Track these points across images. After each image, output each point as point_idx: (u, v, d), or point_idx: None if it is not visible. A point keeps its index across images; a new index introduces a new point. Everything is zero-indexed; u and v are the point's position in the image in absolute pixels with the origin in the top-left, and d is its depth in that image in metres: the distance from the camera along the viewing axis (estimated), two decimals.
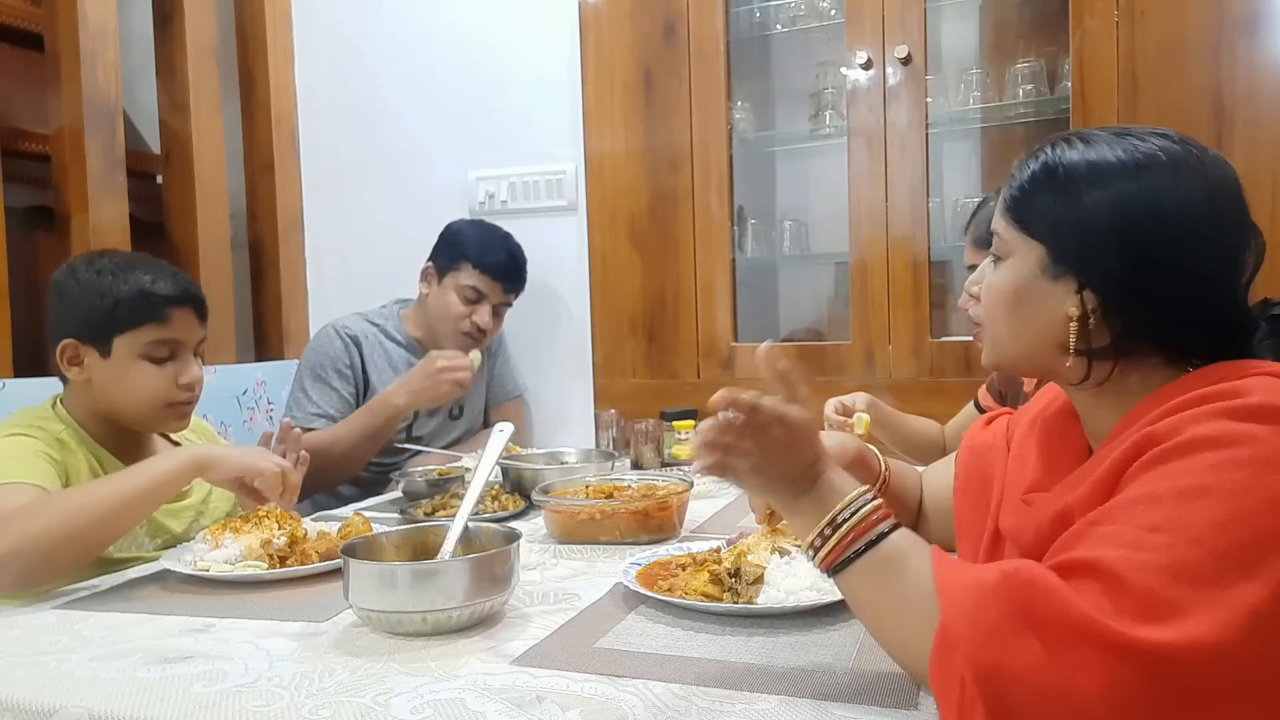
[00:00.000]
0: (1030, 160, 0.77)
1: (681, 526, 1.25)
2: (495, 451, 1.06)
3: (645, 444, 1.80)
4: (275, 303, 2.51)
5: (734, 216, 2.16)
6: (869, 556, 0.68)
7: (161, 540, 1.24)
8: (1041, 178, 0.75)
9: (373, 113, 2.50)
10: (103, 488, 1.05)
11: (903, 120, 1.96)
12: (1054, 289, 0.73)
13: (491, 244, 2.00)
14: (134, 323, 1.22)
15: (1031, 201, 0.75)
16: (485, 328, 1.99)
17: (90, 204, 1.98)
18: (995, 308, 0.78)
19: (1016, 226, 0.77)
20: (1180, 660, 0.55)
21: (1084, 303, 0.72)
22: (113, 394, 1.23)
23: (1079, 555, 0.62)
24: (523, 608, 0.93)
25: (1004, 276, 0.78)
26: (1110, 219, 0.71)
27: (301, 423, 1.86)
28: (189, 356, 1.27)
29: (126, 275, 1.22)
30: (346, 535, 1.12)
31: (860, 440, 1.04)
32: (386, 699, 0.70)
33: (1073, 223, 0.72)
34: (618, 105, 2.17)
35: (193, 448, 1.13)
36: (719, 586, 0.89)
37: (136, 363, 1.22)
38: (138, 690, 0.74)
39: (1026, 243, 0.75)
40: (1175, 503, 0.61)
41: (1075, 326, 0.72)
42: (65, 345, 1.22)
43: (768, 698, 0.69)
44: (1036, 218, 0.75)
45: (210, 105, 2.30)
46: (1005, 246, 0.78)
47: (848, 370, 2.01)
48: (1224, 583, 0.57)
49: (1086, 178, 0.72)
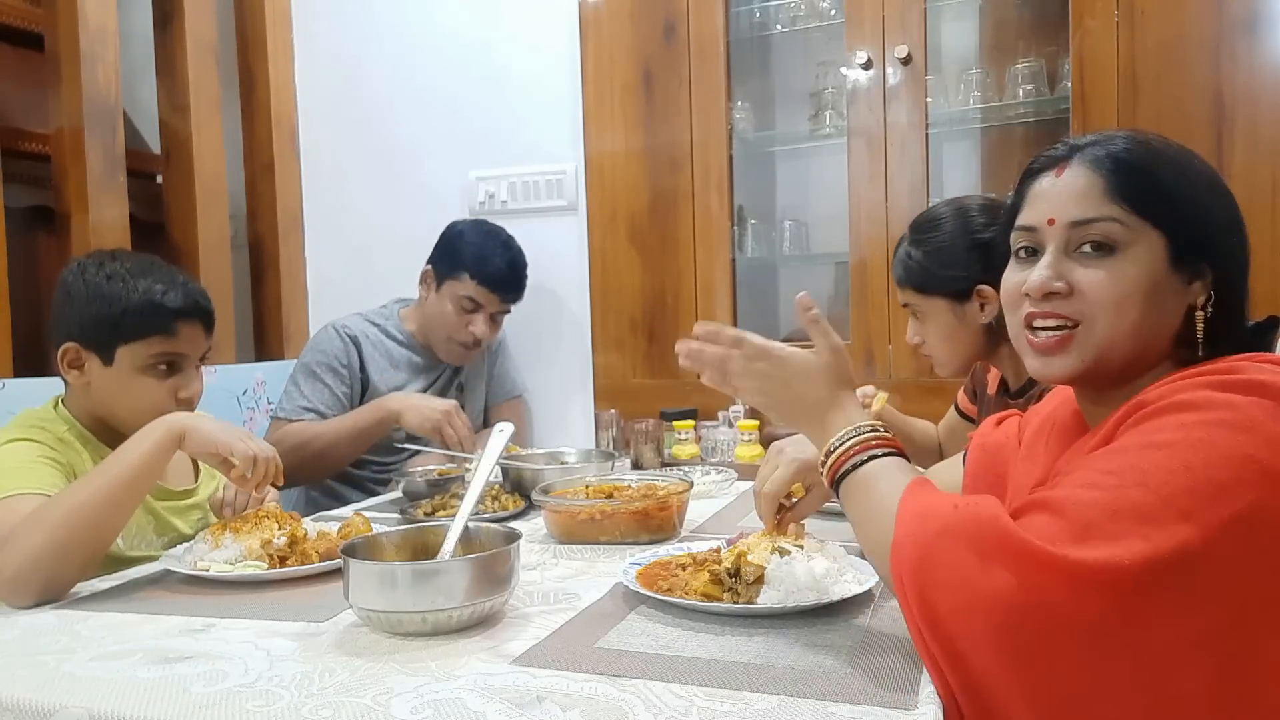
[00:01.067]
0: (1117, 140, 0.75)
1: (681, 526, 1.25)
2: (495, 452, 1.06)
3: (645, 444, 1.80)
4: (275, 302, 2.51)
5: (734, 216, 2.16)
6: (855, 474, 0.78)
7: (169, 538, 1.24)
8: (1148, 156, 0.74)
9: (372, 112, 2.50)
10: (94, 481, 1.04)
11: (903, 120, 1.96)
12: (1179, 279, 0.73)
13: (492, 253, 1.97)
14: (139, 334, 1.20)
15: (1146, 182, 0.73)
16: (482, 338, 1.98)
17: (90, 204, 1.98)
18: (1120, 306, 0.73)
19: (1133, 210, 0.73)
20: (1094, 577, 0.59)
21: (1203, 291, 0.73)
22: (110, 402, 1.22)
23: (1036, 495, 0.67)
24: (523, 608, 0.93)
25: (1129, 271, 0.73)
26: (1217, 201, 0.73)
27: (288, 414, 1.86)
28: (191, 370, 1.26)
29: (136, 283, 1.20)
30: (346, 535, 1.12)
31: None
32: (387, 699, 0.70)
33: (1192, 205, 0.73)
34: (618, 105, 2.18)
35: (168, 418, 1.09)
36: (719, 586, 0.89)
37: (137, 375, 1.21)
38: (138, 690, 0.73)
39: (1148, 231, 0.73)
40: (1137, 452, 0.65)
41: (1201, 316, 0.73)
42: (67, 348, 1.21)
43: (768, 698, 0.69)
44: (1157, 200, 0.73)
45: (210, 105, 2.30)
46: (1126, 235, 0.73)
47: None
48: (1161, 521, 0.60)
49: (1179, 158, 0.74)
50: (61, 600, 1.00)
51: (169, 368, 1.23)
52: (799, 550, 0.92)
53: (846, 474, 0.78)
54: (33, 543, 0.97)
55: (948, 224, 1.34)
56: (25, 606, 0.97)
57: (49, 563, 0.98)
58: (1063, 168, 0.77)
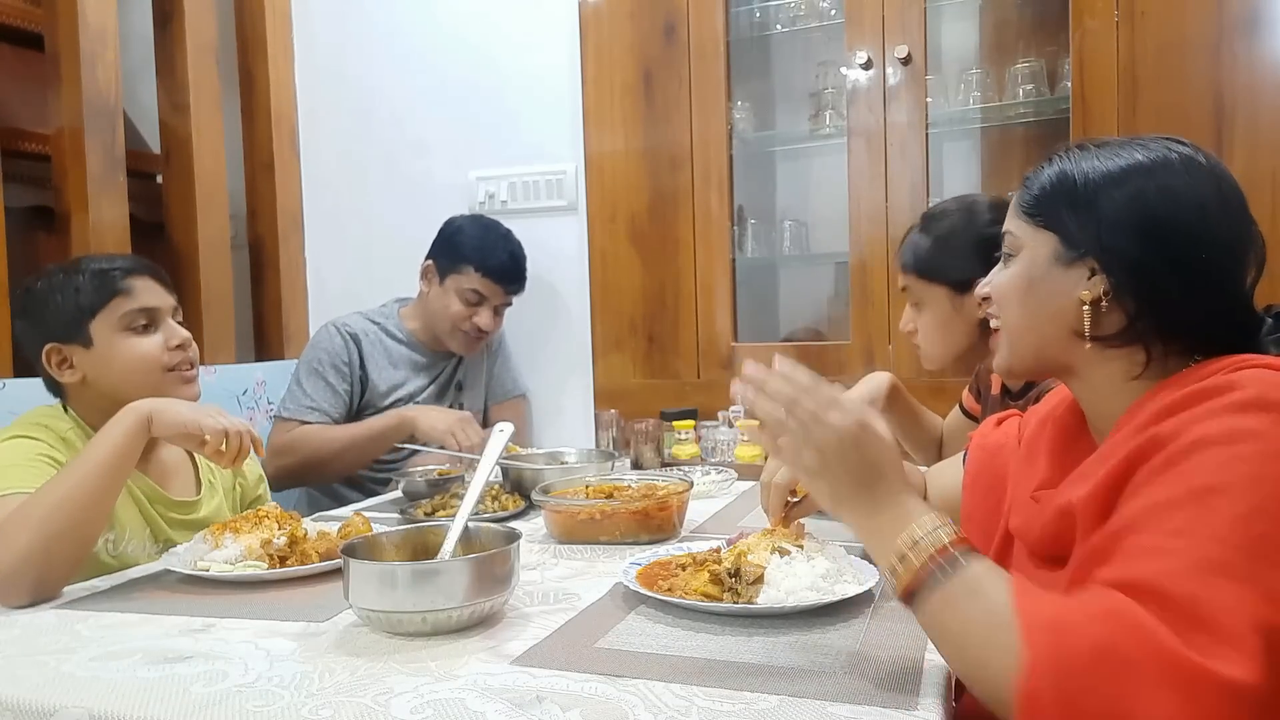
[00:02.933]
0: (1045, 166, 0.80)
1: (681, 526, 1.25)
2: (495, 452, 1.06)
3: (645, 444, 1.80)
4: (275, 303, 2.51)
5: (734, 216, 2.16)
6: (951, 583, 0.65)
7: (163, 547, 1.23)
8: (1057, 181, 0.78)
9: (372, 112, 2.50)
10: (70, 476, 1.04)
11: (903, 120, 1.96)
12: (1067, 275, 0.76)
13: (493, 246, 2.00)
14: (100, 302, 1.22)
15: (1047, 200, 0.78)
16: (487, 329, 2.00)
17: (90, 204, 1.98)
18: (1008, 301, 0.81)
19: (1030, 221, 0.80)
20: (1251, 694, 0.55)
21: (1097, 286, 0.74)
22: (110, 379, 1.22)
23: (1122, 575, 0.62)
24: (523, 608, 0.93)
25: (1015, 270, 0.80)
26: (1125, 207, 0.74)
27: (294, 414, 1.87)
28: (169, 322, 1.27)
29: (76, 267, 1.25)
30: (346, 535, 1.12)
31: None
32: (386, 699, 0.70)
33: (1088, 211, 0.75)
34: (618, 105, 2.17)
35: (135, 404, 1.09)
36: (719, 586, 0.89)
37: (119, 338, 1.22)
38: (138, 690, 0.74)
39: (1039, 234, 0.78)
40: (1194, 505, 0.62)
41: (1089, 310, 0.75)
42: (49, 351, 1.22)
43: (768, 698, 0.69)
44: (1052, 212, 0.78)
45: (210, 105, 2.30)
46: (1017, 242, 0.81)
47: (848, 370, 2.01)
48: (1256, 576, 0.59)
49: (1103, 178, 0.75)
50: (55, 599, 1.00)
51: (146, 327, 1.24)
52: (799, 550, 0.92)
53: (936, 580, 0.65)
54: (19, 542, 0.97)
55: (956, 216, 1.39)
56: (19, 606, 0.97)
57: (38, 560, 0.98)
58: None
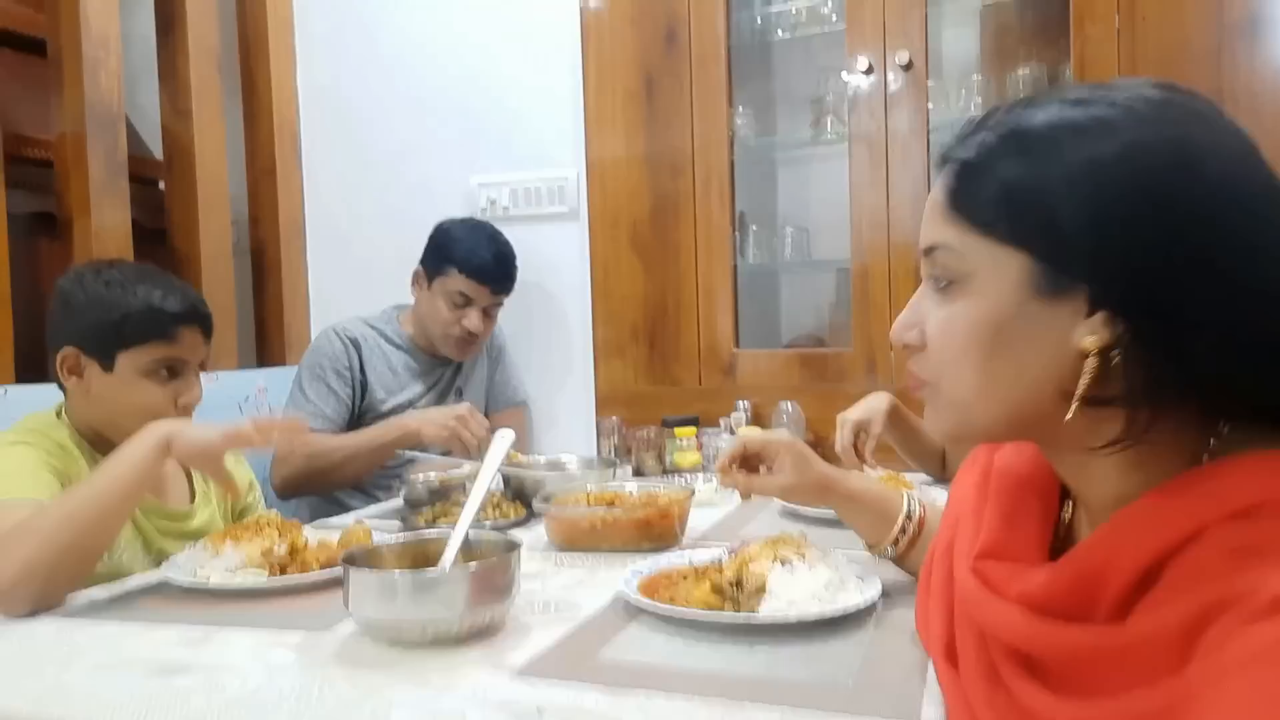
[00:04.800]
0: (980, 132, 0.55)
1: (683, 535, 1.24)
2: (496, 459, 1.06)
3: (647, 451, 1.80)
4: (277, 308, 2.51)
5: (735, 222, 2.15)
6: None
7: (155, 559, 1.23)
8: (1010, 149, 0.53)
9: (374, 118, 2.50)
10: (84, 491, 1.04)
11: (904, 126, 1.96)
12: (1053, 313, 0.52)
13: (478, 246, 1.98)
14: (140, 340, 1.21)
15: (997, 189, 0.53)
16: (475, 331, 1.98)
17: (93, 210, 1.98)
18: (961, 355, 0.56)
19: (978, 231, 0.54)
20: None
21: (1106, 328, 0.50)
22: (109, 409, 1.22)
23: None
24: (524, 617, 0.92)
25: (969, 309, 0.55)
26: (1130, 190, 0.49)
27: None
28: (191, 377, 1.27)
29: (135, 288, 1.21)
30: (347, 544, 1.12)
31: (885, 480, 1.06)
32: (386, 711, 0.70)
33: (1075, 204, 0.50)
34: (619, 111, 2.18)
35: (156, 425, 1.08)
36: (720, 597, 0.89)
37: (138, 380, 1.21)
38: (135, 703, 0.73)
39: (998, 252, 0.53)
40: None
41: (1094, 363, 0.50)
42: (66, 354, 1.21)
43: (770, 710, 0.68)
44: (1011, 211, 0.53)
45: (212, 110, 2.30)
46: (960, 263, 0.55)
47: (849, 378, 2.01)
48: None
49: (1077, 137, 0.51)
50: (56, 608, 1.00)
51: (169, 373, 1.24)
52: (801, 560, 0.92)
53: None
54: (24, 553, 0.96)
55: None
56: (18, 616, 0.97)
57: (42, 573, 0.97)
58: None
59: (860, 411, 1.52)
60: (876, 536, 0.96)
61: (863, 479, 1.00)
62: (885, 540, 0.95)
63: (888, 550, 0.95)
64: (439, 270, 1.97)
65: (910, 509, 0.95)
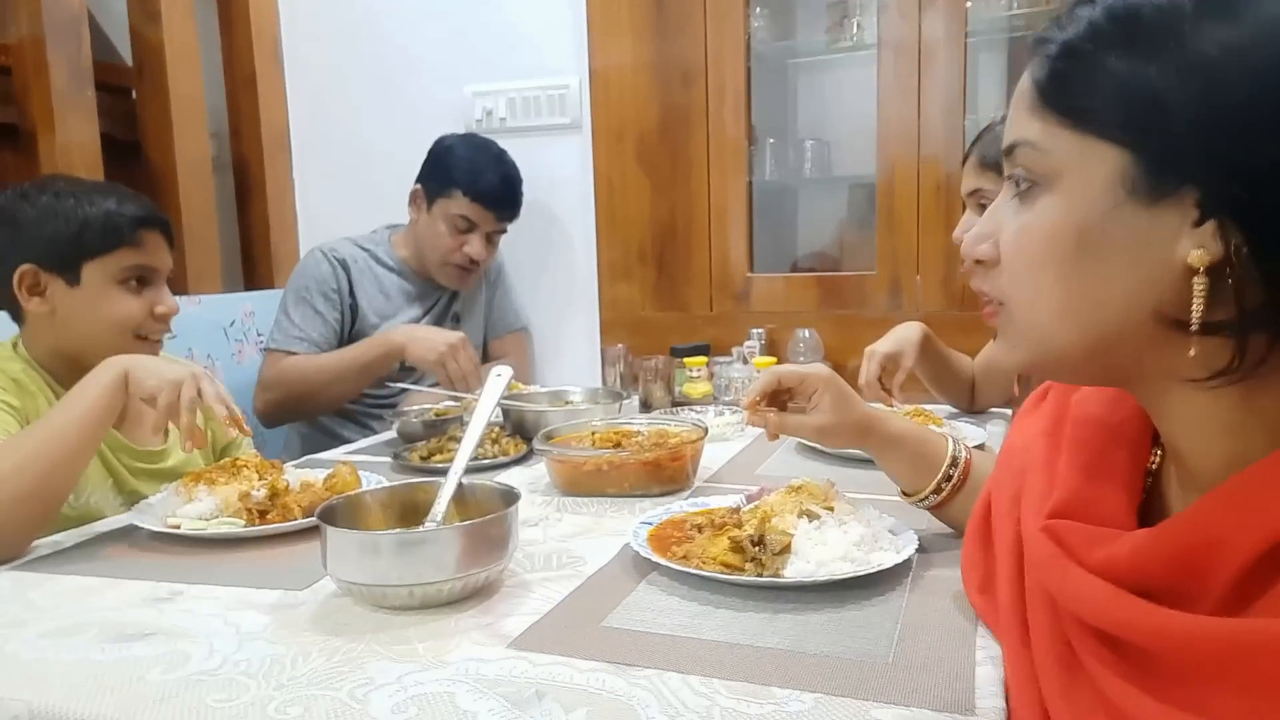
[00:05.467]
0: (1081, 8, 0.48)
1: (695, 477, 1.16)
2: (492, 399, 0.96)
3: (655, 382, 1.70)
4: (262, 228, 2.37)
5: (750, 135, 2.00)
6: None
7: (127, 500, 1.15)
8: (1115, 29, 0.46)
9: (361, 22, 2.31)
10: (43, 430, 0.95)
11: (939, 29, 1.78)
12: (1152, 220, 0.45)
13: (484, 168, 1.86)
14: (105, 247, 1.14)
15: (1092, 72, 0.46)
16: (478, 259, 1.87)
17: (56, 121, 1.83)
18: (1038, 267, 0.49)
19: (1068, 122, 0.47)
20: None
21: (1216, 238, 0.43)
22: (81, 325, 1.14)
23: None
24: (522, 574, 0.84)
25: (1050, 213, 0.48)
26: (1257, 78, 0.42)
27: (282, 345, 1.78)
28: (163, 285, 1.20)
29: (89, 197, 1.14)
30: (333, 487, 1.03)
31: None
32: (365, 692, 0.62)
33: (1189, 90, 0.43)
34: (625, 13, 2.00)
35: (115, 360, 1.01)
36: (740, 555, 0.80)
37: (111, 290, 1.14)
38: (87, 677, 0.65)
39: (1090, 147, 0.46)
40: None
41: (1204, 282, 0.43)
42: (24, 272, 1.12)
43: (801, 696, 0.60)
44: (1108, 98, 0.45)
45: (183, 10, 2.12)
46: (1044, 161, 0.48)
47: (871, 302, 1.89)
48: None
49: (1198, 17, 0.43)
50: (20, 557, 0.92)
51: (139, 283, 1.17)
52: (830, 515, 0.82)
53: None
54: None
55: None
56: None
57: (3, 518, 0.89)
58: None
59: (890, 344, 1.41)
60: (916, 484, 0.86)
61: (904, 420, 0.89)
62: (926, 488, 0.85)
63: (929, 499, 0.86)
64: (441, 192, 1.84)
65: (956, 454, 0.85)
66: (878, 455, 0.89)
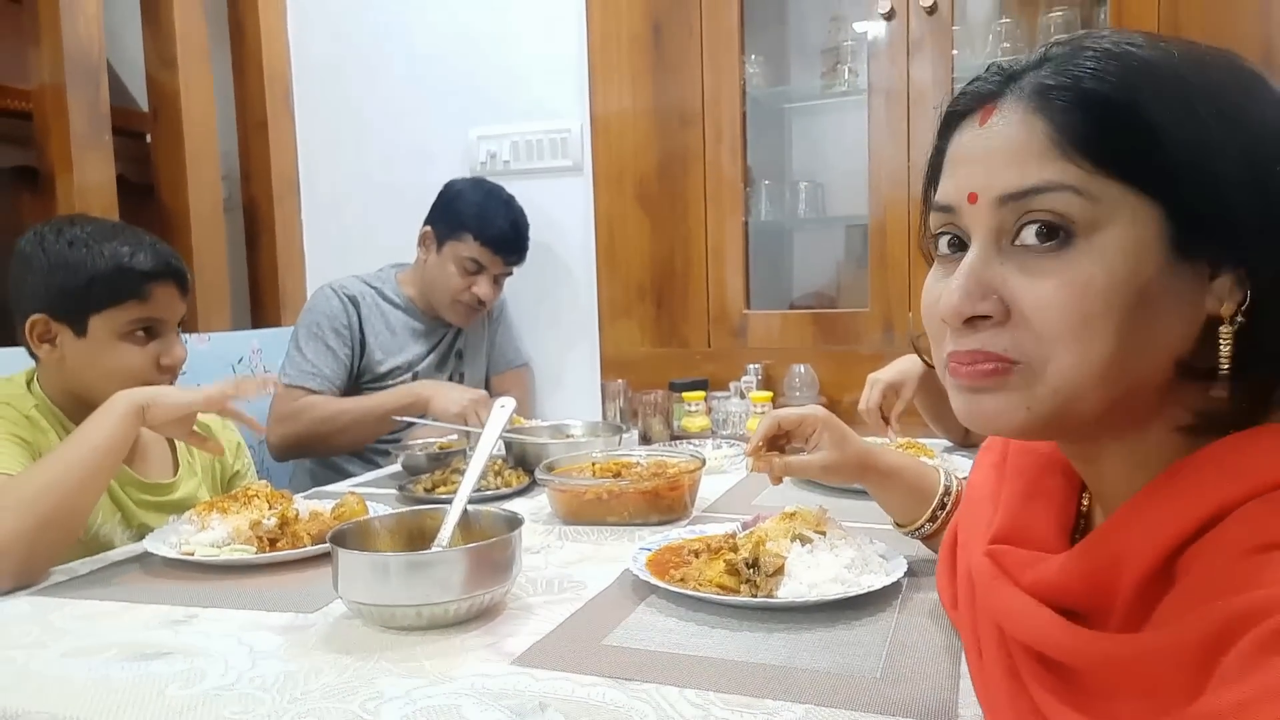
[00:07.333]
0: (1082, 55, 0.47)
1: (693, 506, 1.19)
2: (496, 429, 0.99)
3: (654, 415, 1.74)
4: (271, 267, 2.43)
5: (746, 177, 2.06)
6: None
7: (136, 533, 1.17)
8: (1126, 75, 0.46)
9: (369, 68, 2.39)
10: (58, 462, 0.98)
11: (926, 75, 1.85)
12: (1183, 275, 0.46)
13: (494, 213, 1.92)
14: (112, 301, 1.14)
15: (1124, 120, 0.46)
16: (485, 299, 1.93)
17: (75, 164, 1.90)
18: (1090, 325, 0.46)
19: (1111, 173, 0.45)
20: None
21: (1234, 291, 0.46)
22: (88, 375, 1.16)
23: None
24: (525, 597, 0.87)
25: (1097, 271, 0.45)
26: (1257, 137, 0.46)
27: (294, 381, 1.81)
28: (171, 335, 1.20)
29: (102, 247, 1.14)
30: (341, 516, 1.07)
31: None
32: (376, 705, 0.65)
33: (1206, 149, 0.45)
34: (625, 59, 2.07)
35: (130, 392, 1.04)
36: (736, 577, 0.83)
37: (115, 343, 1.15)
38: (109, 693, 0.68)
39: (1135, 201, 0.46)
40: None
41: (1230, 332, 0.46)
42: (36, 321, 1.14)
43: (792, 707, 0.63)
44: (1143, 149, 0.45)
45: (199, 58, 2.20)
46: (1088, 211, 0.46)
47: (865, 339, 1.94)
48: None
49: (1184, 70, 0.46)
50: (38, 583, 0.95)
51: (146, 334, 1.18)
52: (821, 538, 0.86)
53: None
54: (2, 528, 0.91)
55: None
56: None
57: (22, 547, 0.92)
58: (991, 109, 0.50)
59: (893, 374, 1.44)
60: (909, 515, 0.89)
61: (898, 454, 0.93)
62: (920, 518, 0.88)
63: (924, 527, 0.89)
64: (451, 234, 1.90)
65: (949, 485, 0.88)
66: (875, 488, 0.92)
